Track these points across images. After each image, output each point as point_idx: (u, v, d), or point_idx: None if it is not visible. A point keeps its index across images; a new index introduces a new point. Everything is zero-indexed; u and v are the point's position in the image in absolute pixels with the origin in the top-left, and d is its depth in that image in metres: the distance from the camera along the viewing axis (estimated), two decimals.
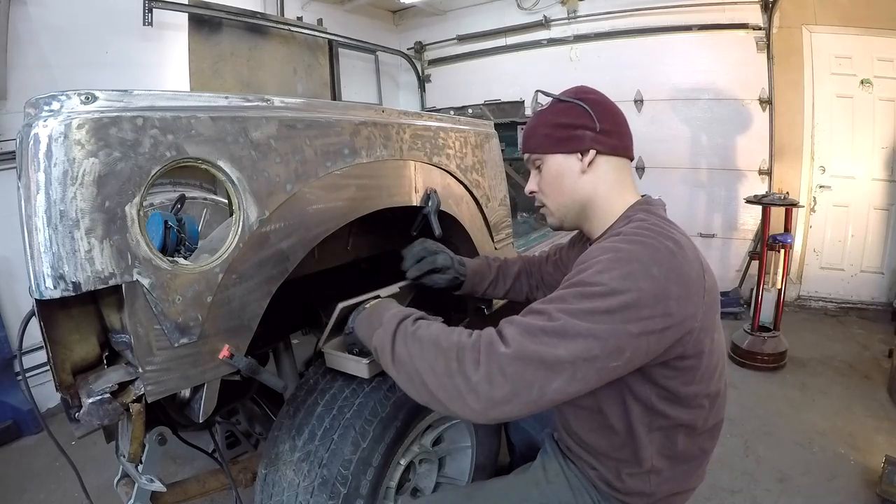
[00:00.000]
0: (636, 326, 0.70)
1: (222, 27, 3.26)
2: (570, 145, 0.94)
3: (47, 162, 0.64)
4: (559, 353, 0.68)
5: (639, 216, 0.87)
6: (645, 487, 0.90)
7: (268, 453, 1.10)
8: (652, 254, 0.74)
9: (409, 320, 0.85)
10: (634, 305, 0.70)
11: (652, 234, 0.78)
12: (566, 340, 0.68)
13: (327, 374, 1.17)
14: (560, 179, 0.96)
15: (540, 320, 0.71)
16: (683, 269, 0.75)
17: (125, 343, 0.78)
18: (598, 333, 0.68)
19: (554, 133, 0.95)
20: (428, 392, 0.74)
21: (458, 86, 4.92)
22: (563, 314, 0.70)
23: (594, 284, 0.72)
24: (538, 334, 0.69)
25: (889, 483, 1.69)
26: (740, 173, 3.85)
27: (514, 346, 0.69)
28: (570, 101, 0.95)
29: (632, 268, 0.72)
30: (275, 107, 0.89)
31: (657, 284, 0.71)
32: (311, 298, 1.54)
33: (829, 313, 3.69)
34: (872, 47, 3.35)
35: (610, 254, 0.75)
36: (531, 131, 1.00)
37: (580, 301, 0.71)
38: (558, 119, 0.95)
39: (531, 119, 1.03)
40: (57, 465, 2.09)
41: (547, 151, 0.97)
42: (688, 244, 0.80)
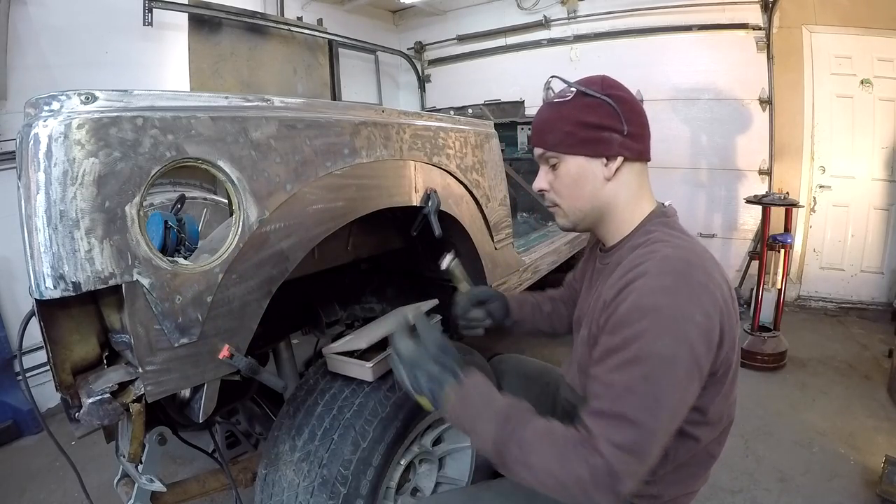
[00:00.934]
0: (699, 375, 0.74)
1: (222, 27, 3.26)
2: (596, 149, 0.86)
3: (47, 162, 0.64)
4: (656, 451, 0.73)
5: (659, 234, 0.84)
6: (653, 490, 0.90)
7: (268, 453, 1.10)
8: (691, 299, 0.73)
9: (510, 436, 0.77)
10: (694, 363, 0.72)
11: (683, 272, 0.75)
12: (657, 436, 0.72)
13: (327, 374, 1.17)
14: (580, 183, 0.89)
15: (628, 433, 0.71)
16: (717, 299, 0.75)
17: (125, 343, 0.78)
18: (676, 407, 0.73)
19: (578, 132, 0.86)
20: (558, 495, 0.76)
21: (458, 86, 4.92)
22: (641, 413, 0.70)
23: (651, 359, 0.71)
24: (635, 451, 0.71)
25: (889, 483, 1.69)
26: (740, 173, 3.86)
27: (623, 475, 0.70)
28: (598, 97, 0.85)
29: (679, 327, 0.71)
30: (275, 107, 0.89)
31: (706, 330, 0.73)
32: (311, 298, 1.54)
33: (829, 313, 3.69)
34: (872, 47, 3.35)
35: (652, 315, 0.72)
36: (548, 125, 0.90)
37: (647, 385, 0.71)
38: (584, 117, 0.86)
39: (547, 109, 0.91)
40: (57, 465, 2.09)
41: (568, 152, 0.88)
42: (711, 263, 0.79)
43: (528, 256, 2.00)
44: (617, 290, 0.78)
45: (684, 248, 0.80)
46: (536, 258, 2.06)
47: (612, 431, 0.71)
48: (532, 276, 2.01)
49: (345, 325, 1.69)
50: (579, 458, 0.72)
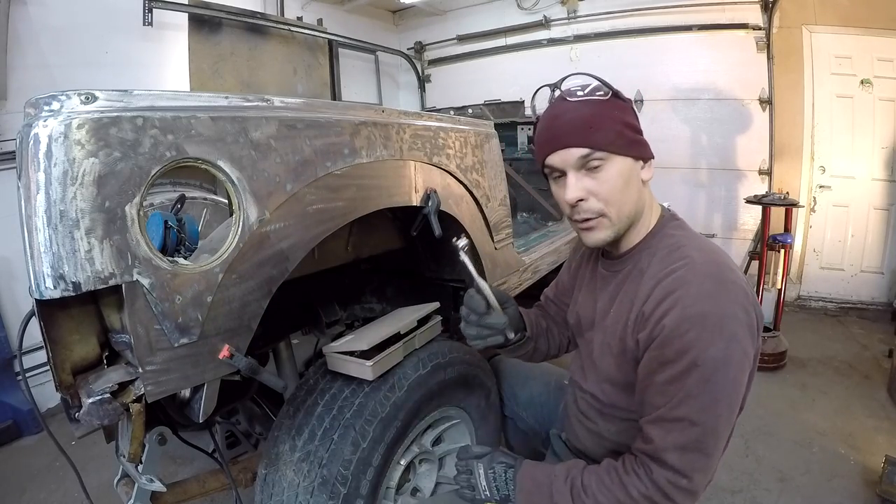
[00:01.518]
0: (748, 365, 0.78)
1: (222, 27, 3.26)
2: (640, 151, 0.85)
3: (47, 162, 0.64)
4: (721, 445, 0.78)
5: (679, 238, 0.85)
6: None
7: (268, 453, 1.10)
8: (731, 298, 0.75)
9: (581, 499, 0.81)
10: (745, 356, 0.76)
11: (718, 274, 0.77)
12: (719, 432, 0.76)
13: (327, 374, 1.17)
14: (630, 186, 0.84)
15: (691, 433, 0.75)
16: (748, 292, 0.78)
17: (125, 343, 0.78)
18: (734, 401, 0.77)
19: (626, 133, 0.83)
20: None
21: (458, 86, 4.92)
22: (702, 414, 0.74)
23: (707, 363, 0.73)
24: (700, 448, 0.75)
25: (889, 483, 1.69)
26: (740, 173, 3.85)
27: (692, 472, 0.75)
28: (628, 100, 0.86)
29: (728, 328, 0.74)
30: (275, 107, 0.89)
31: (748, 324, 0.76)
32: (311, 298, 1.54)
33: (829, 313, 3.69)
34: (872, 47, 3.35)
35: (702, 323, 0.74)
36: (594, 121, 0.81)
37: (707, 388, 0.74)
38: (627, 118, 0.84)
39: (582, 106, 0.82)
40: (57, 465, 2.09)
41: (620, 152, 0.82)
42: (728, 259, 0.82)
43: (528, 256, 2.00)
44: (657, 302, 0.79)
45: (707, 248, 0.83)
46: (536, 258, 2.06)
47: (676, 435, 0.75)
48: (532, 277, 2.01)
49: (345, 325, 1.69)
50: (638, 479, 0.76)
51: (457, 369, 1.26)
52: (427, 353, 1.22)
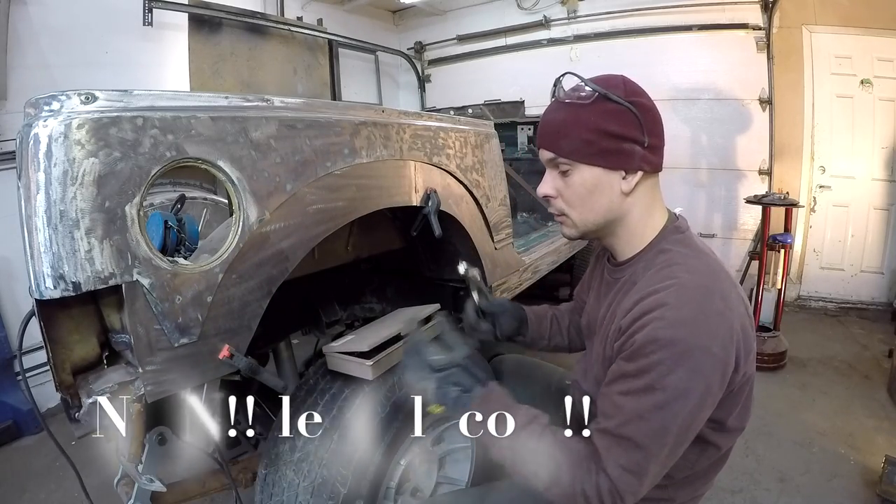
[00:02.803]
0: (711, 404, 0.75)
1: (222, 27, 3.26)
2: (617, 161, 0.80)
3: (47, 162, 0.64)
4: (660, 471, 0.76)
5: (673, 255, 0.81)
6: (663, 495, 0.90)
7: (268, 453, 1.10)
8: (709, 331, 0.71)
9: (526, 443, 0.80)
10: (707, 394, 0.73)
11: (701, 303, 0.73)
12: (661, 460, 0.74)
13: (327, 374, 1.17)
14: (595, 195, 0.82)
15: (634, 456, 0.73)
16: (735, 327, 0.74)
17: (125, 343, 0.78)
18: (684, 435, 0.74)
19: (599, 141, 0.79)
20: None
21: (458, 86, 4.92)
22: (649, 439, 0.72)
23: (665, 390, 0.71)
24: (639, 473, 0.73)
25: (889, 483, 1.69)
26: (740, 173, 3.85)
27: (626, 494, 0.73)
28: (622, 103, 0.78)
29: (695, 360, 0.70)
30: (275, 107, 0.89)
31: (721, 362, 0.72)
32: (311, 298, 1.54)
33: (829, 313, 3.69)
34: (872, 47, 3.35)
35: (669, 349, 0.70)
36: (564, 128, 0.81)
37: (659, 414, 0.72)
38: (606, 125, 0.78)
39: (562, 110, 0.82)
40: (57, 465, 2.09)
41: (585, 161, 0.81)
42: (728, 283, 0.78)
43: (528, 256, 2.00)
44: (633, 318, 0.76)
45: (701, 271, 0.77)
46: (536, 258, 2.06)
47: (620, 453, 0.73)
48: (532, 276, 2.01)
49: (345, 325, 1.69)
50: (587, 475, 0.75)
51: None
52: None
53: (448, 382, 0.85)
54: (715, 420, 0.80)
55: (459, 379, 0.85)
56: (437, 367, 0.85)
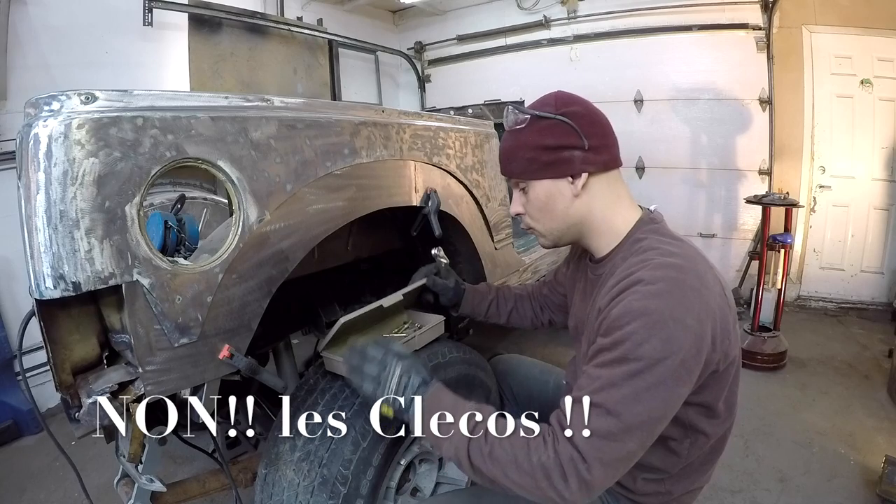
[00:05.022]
0: (686, 381, 0.74)
1: (222, 27, 3.26)
2: (559, 170, 0.86)
3: (47, 162, 0.64)
4: (632, 446, 0.73)
5: (649, 241, 0.84)
6: (660, 488, 0.90)
7: (268, 453, 1.10)
8: (682, 304, 0.73)
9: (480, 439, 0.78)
10: (682, 365, 0.72)
11: (675, 278, 0.75)
12: (634, 432, 0.72)
13: (327, 374, 1.17)
14: (551, 205, 0.90)
15: (604, 421, 0.72)
16: (710, 304, 0.75)
17: (125, 343, 0.78)
18: (659, 407, 0.73)
19: (539, 157, 0.86)
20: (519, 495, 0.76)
21: (458, 86, 4.92)
22: (620, 405, 0.71)
23: (639, 359, 0.71)
24: (610, 439, 0.71)
25: (889, 483, 1.69)
26: (740, 173, 3.85)
27: (592, 460, 0.71)
28: (551, 117, 0.85)
29: (668, 330, 0.71)
30: (275, 107, 0.89)
31: (695, 334, 0.73)
32: (311, 298, 1.54)
33: (829, 313, 3.69)
34: (872, 47, 3.34)
35: (642, 318, 0.72)
36: (510, 154, 0.91)
37: (631, 382, 0.71)
38: (541, 140, 0.86)
39: (507, 138, 0.92)
40: (57, 465, 2.09)
41: (532, 178, 0.89)
42: (703, 265, 0.80)
43: (528, 256, 2.00)
44: (610, 298, 0.79)
45: (676, 253, 0.80)
46: (536, 258, 2.06)
47: (588, 418, 0.72)
48: (532, 277, 2.01)
49: None
50: (543, 446, 0.74)
51: (457, 369, 1.26)
52: (427, 353, 1.22)
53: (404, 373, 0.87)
54: (703, 405, 0.81)
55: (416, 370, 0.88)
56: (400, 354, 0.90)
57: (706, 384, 0.79)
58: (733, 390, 0.86)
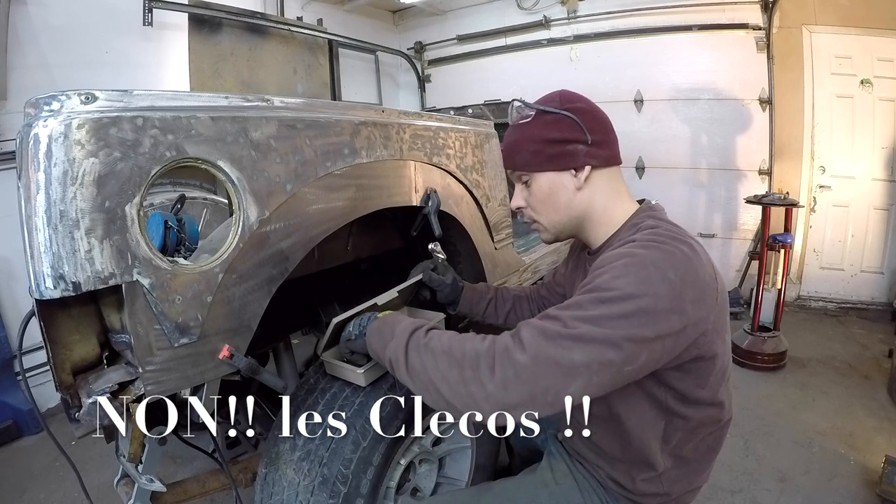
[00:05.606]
0: (652, 330, 0.69)
1: (222, 27, 3.26)
2: (563, 162, 0.89)
3: (47, 162, 0.64)
4: (575, 357, 0.68)
5: (648, 222, 0.86)
6: (658, 488, 0.90)
7: (268, 453, 1.10)
8: (668, 258, 0.73)
9: (420, 331, 0.83)
10: (651, 310, 0.69)
11: (667, 239, 0.77)
12: (582, 345, 0.68)
13: (327, 374, 1.17)
14: (554, 198, 0.92)
15: (556, 325, 0.71)
16: (698, 273, 0.75)
17: (125, 343, 0.78)
18: (615, 338, 0.68)
19: (543, 149, 0.89)
20: (444, 401, 0.75)
21: (458, 86, 4.92)
22: (579, 321, 0.70)
23: (610, 289, 0.71)
24: (555, 338, 0.69)
25: (889, 483, 1.69)
26: (740, 173, 3.85)
27: (529, 350, 0.69)
28: (557, 112, 0.88)
29: (648, 272, 0.71)
30: (275, 107, 0.89)
31: (673, 288, 0.71)
32: (311, 298, 1.54)
33: (829, 313, 3.69)
34: (872, 47, 3.34)
35: (625, 259, 0.74)
36: (515, 147, 0.93)
37: (596, 306, 0.71)
38: (547, 134, 0.89)
39: (512, 132, 0.95)
40: (57, 465, 2.09)
41: (536, 170, 0.91)
42: (700, 248, 0.80)
43: (528, 256, 2.00)
44: (599, 264, 0.80)
45: (674, 230, 0.82)
46: (536, 258, 2.06)
47: (542, 321, 0.73)
48: (532, 276, 2.01)
49: None
50: (484, 339, 0.75)
51: None
52: None
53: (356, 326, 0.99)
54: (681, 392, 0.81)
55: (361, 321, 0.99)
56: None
57: (685, 369, 0.79)
58: (720, 384, 0.84)
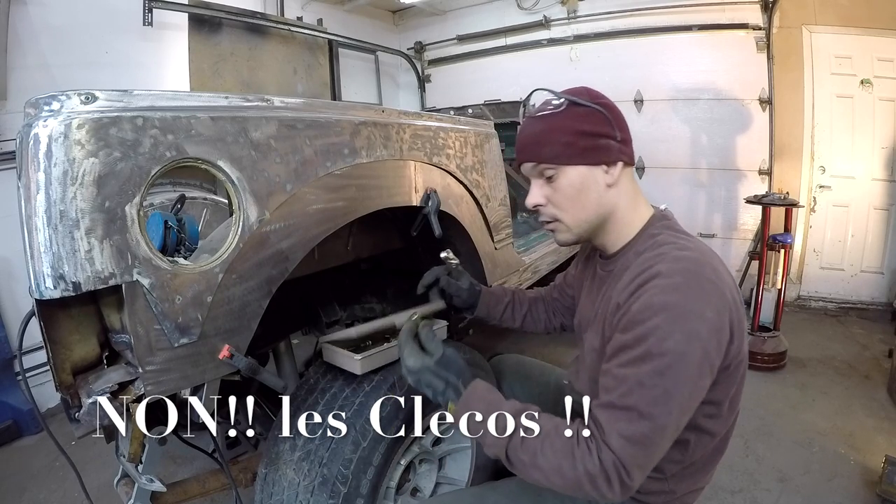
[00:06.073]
0: (709, 371, 0.75)
1: (222, 27, 3.26)
2: (597, 156, 0.86)
3: (47, 162, 0.64)
4: (664, 444, 0.75)
5: (664, 236, 0.85)
6: (663, 487, 0.90)
7: (268, 453, 1.11)
8: (701, 297, 0.74)
9: (516, 441, 0.79)
10: (705, 358, 0.73)
11: (692, 271, 0.76)
12: (666, 430, 0.74)
13: (327, 373, 1.17)
14: (584, 193, 0.87)
15: (638, 426, 0.72)
16: (726, 297, 0.76)
17: (125, 343, 0.78)
18: (686, 402, 0.74)
19: (577, 142, 0.85)
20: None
21: (458, 86, 4.92)
22: (652, 406, 0.72)
23: (663, 355, 0.72)
24: (645, 443, 0.73)
25: (889, 483, 1.69)
26: (740, 173, 3.85)
27: (632, 467, 0.72)
28: (590, 105, 0.85)
29: (690, 324, 0.72)
30: (275, 107, 0.89)
31: (715, 326, 0.74)
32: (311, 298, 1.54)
33: (829, 313, 3.69)
34: (872, 47, 3.35)
35: (664, 313, 0.73)
36: (541, 137, 0.88)
37: (660, 380, 0.72)
38: (580, 126, 0.85)
39: (534, 123, 0.90)
40: (57, 465, 2.09)
41: (568, 163, 0.86)
42: (717, 261, 0.81)
43: (528, 256, 2.00)
44: (629, 293, 0.79)
45: (691, 248, 0.81)
46: (536, 258, 2.06)
47: (623, 424, 0.73)
48: (532, 277, 2.01)
49: (345, 325, 1.69)
50: (588, 454, 0.74)
51: None
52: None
53: (420, 385, 0.88)
54: (711, 402, 0.81)
55: (429, 381, 0.87)
56: (409, 369, 0.88)
57: (717, 380, 0.79)
58: (740, 389, 0.86)
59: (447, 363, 0.88)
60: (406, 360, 0.89)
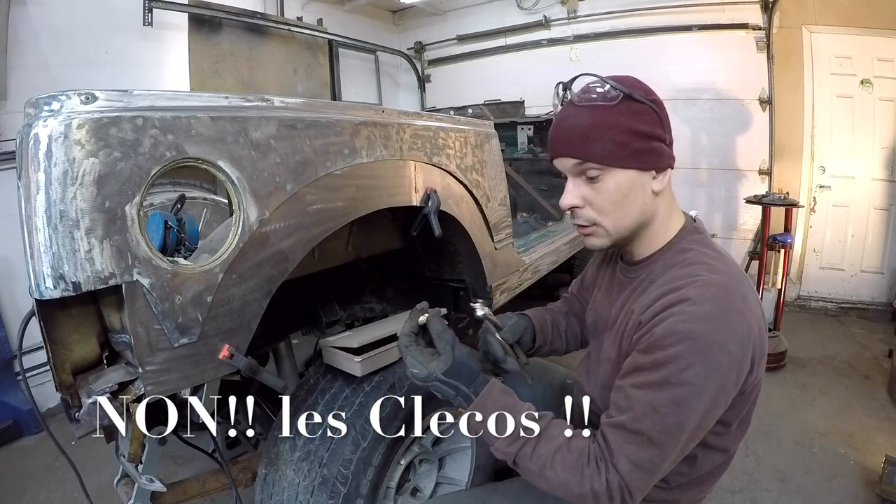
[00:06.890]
0: (724, 403, 0.75)
1: (222, 27, 3.26)
2: (649, 160, 0.78)
3: (47, 162, 0.64)
4: (667, 468, 0.75)
5: (695, 254, 0.80)
6: (668, 497, 0.90)
7: (268, 453, 1.11)
8: (728, 329, 0.71)
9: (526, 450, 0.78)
10: (721, 391, 0.72)
11: (722, 300, 0.72)
12: (672, 455, 0.74)
13: (327, 373, 1.17)
14: (630, 199, 0.80)
15: (647, 452, 0.72)
16: (752, 329, 0.73)
17: (125, 343, 0.78)
18: (695, 430, 0.74)
19: (632, 142, 0.76)
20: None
21: (458, 86, 4.92)
22: (664, 435, 0.71)
23: (681, 385, 0.70)
24: (651, 469, 0.73)
25: (889, 483, 1.69)
26: (740, 173, 3.86)
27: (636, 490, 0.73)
28: (644, 101, 0.78)
29: (713, 357, 0.70)
30: (275, 107, 0.89)
31: (738, 360, 0.72)
32: (311, 298, 1.54)
33: (829, 313, 3.69)
34: (872, 47, 3.35)
35: (688, 342, 0.70)
36: (594, 132, 0.77)
37: (674, 409, 0.71)
38: (635, 125, 0.77)
39: (583, 113, 0.78)
40: (57, 465, 2.09)
41: (617, 165, 0.78)
42: (747, 285, 0.78)
43: (528, 256, 2.00)
44: (654, 313, 0.76)
45: (722, 271, 0.77)
46: (536, 258, 2.06)
47: (632, 448, 0.72)
48: (532, 277, 2.01)
49: (345, 325, 1.69)
50: (597, 474, 0.74)
51: None
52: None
53: (429, 389, 0.85)
54: (721, 422, 0.79)
55: (438, 389, 0.83)
56: (417, 379, 0.84)
57: (732, 404, 0.78)
58: (752, 408, 0.84)
59: (457, 370, 0.82)
60: (411, 368, 0.84)
